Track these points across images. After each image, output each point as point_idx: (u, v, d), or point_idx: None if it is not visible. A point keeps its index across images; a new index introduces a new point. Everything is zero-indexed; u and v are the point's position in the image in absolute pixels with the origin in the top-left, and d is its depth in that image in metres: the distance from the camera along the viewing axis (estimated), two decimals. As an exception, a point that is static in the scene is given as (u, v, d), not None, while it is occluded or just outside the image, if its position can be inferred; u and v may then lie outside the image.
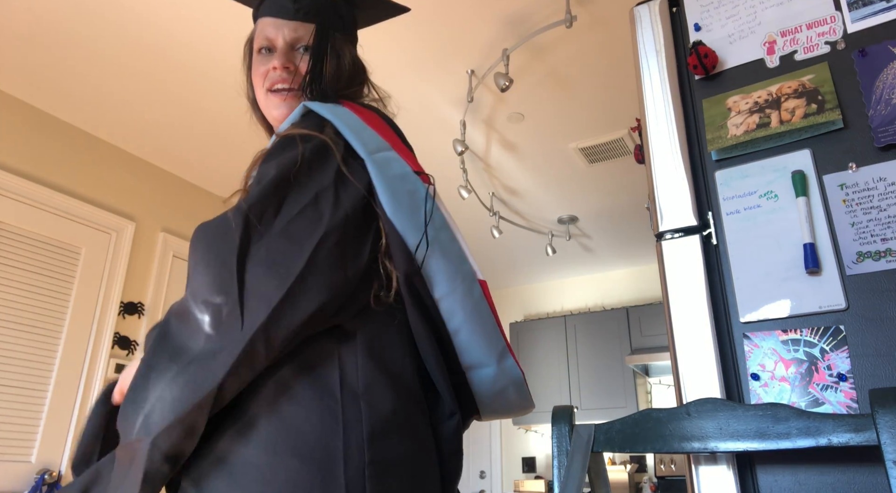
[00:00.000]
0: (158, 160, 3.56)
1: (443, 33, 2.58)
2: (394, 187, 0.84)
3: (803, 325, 1.06)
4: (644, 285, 5.13)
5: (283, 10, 0.97)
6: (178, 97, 2.98)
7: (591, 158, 3.52)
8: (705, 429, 0.96)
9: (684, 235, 1.21)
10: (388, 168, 0.85)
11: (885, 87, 1.10)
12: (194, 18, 2.48)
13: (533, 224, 4.37)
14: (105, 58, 2.71)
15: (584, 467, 1.03)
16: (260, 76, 0.98)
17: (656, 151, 1.29)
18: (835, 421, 0.88)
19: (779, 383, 1.05)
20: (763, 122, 1.19)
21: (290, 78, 0.95)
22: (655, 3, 1.41)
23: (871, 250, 1.03)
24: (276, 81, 0.96)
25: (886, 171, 1.06)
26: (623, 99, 2.99)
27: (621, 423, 1.04)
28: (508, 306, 5.68)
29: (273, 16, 0.97)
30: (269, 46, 0.98)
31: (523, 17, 2.50)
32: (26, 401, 2.77)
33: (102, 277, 3.18)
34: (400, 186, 0.84)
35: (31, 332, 2.84)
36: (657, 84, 1.34)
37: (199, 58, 2.71)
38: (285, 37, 0.97)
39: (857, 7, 1.18)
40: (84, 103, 3.03)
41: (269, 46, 0.98)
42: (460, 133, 3.14)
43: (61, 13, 2.45)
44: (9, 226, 2.84)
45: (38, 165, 3.00)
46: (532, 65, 2.76)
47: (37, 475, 2.73)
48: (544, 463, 5.02)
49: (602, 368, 4.68)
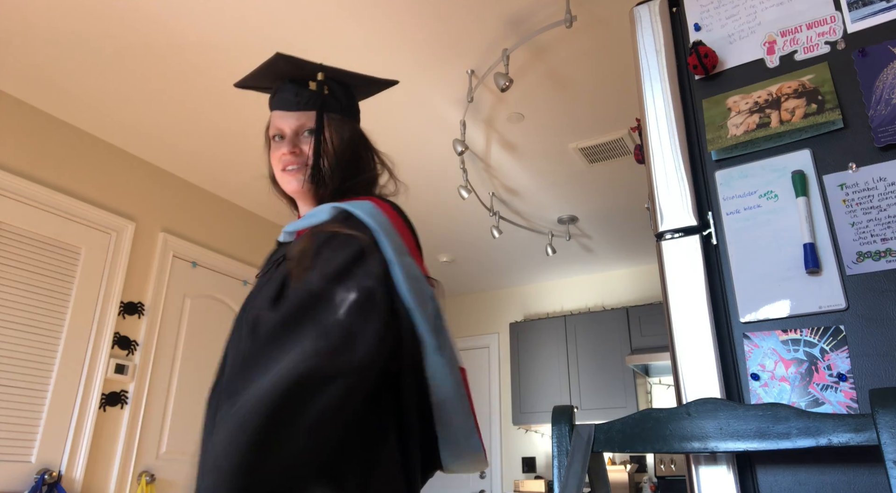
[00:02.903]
0: (158, 160, 3.56)
1: (443, 33, 2.58)
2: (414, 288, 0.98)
3: (803, 325, 1.06)
4: (644, 285, 5.13)
5: (287, 103, 1.15)
6: (179, 97, 2.98)
7: (591, 158, 3.52)
8: (705, 429, 0.96)
9: (684, 235, 1.21)
10: (410, 271, 0.99)
11: (885, 87, 1.10)
12: (195, 18, 2.48)
13: (533, 224, 4.37)
14: (105, 58, 2.71)
15: (584, 467, 1.03)
16: (276, 160, 1.16)
17: (656, 151, 1.29)
18: (835, 421, 0.88)
19: (779, 383, 1.05)
20: (763, 122, 1.19)
21: (297, 159, 1.13)
22: (655, 3, 1.41)
23: (871, 249, 1.03)
24: (287, 163, 1.14)
25: (886, 171, 1.06)
26: (623, 99, 2.99)
27: (621, 423, 1.04)
28: (508, 306, 5.68)
29: (281, 109, 1.16)
30: (280, 134, 1.16)
31: (523, 17, 2.50)
32: (26, 401, 2.77)
33: (102, 277, 3.18)
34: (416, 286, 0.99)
35: (31, 332, 2.84)
36: (657, 84, 1.34)
37: (200, 58, 2.71)
38: (291, 126, 1.15)
39: (857, 7, 1.18)
40: (84, 103, 3.03)
41: (280, 134, 1.16)
42: (460, 133, 3.14)
43: (61, 13, 2.45)
44: (9, 226, 2.84)
45: (38, 165, 3.00)
46: (532, 65, 2.76)
47: (37, 475, 2.73)
48: (544, 463, 5.02)
49: (602, 368, 4.68)
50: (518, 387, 4.99)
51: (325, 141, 1.13)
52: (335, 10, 2.45)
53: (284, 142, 1.15)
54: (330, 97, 1.17)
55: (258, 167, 3.63)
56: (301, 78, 1.17)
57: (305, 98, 1.15)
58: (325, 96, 1.16)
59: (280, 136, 1.16)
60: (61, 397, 2.90)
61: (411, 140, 3.35)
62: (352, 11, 2.46)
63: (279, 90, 1.17)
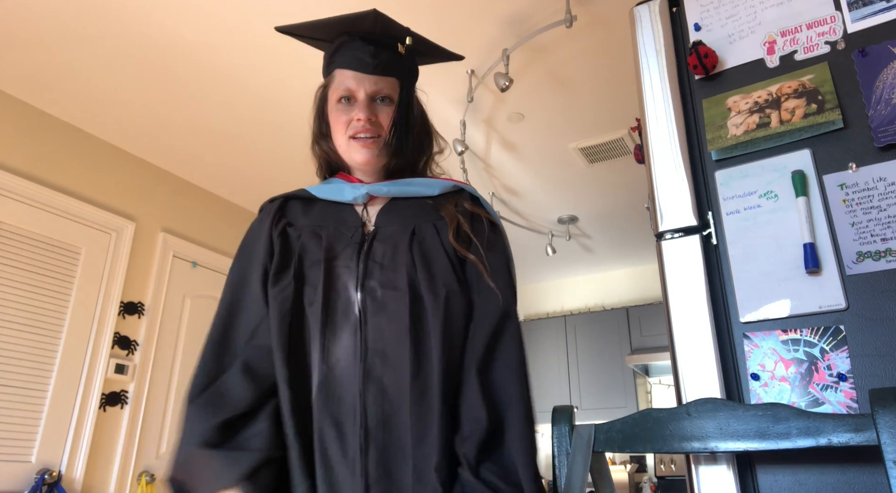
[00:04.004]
0: (158, 160, 3.56)
1: (443, 33, 2.58)
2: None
3: (803, 325, 1.06)
4: (644, 285, 5.13)
5: (362, 64, 1.06)
6: (179, 97, 2.98)
7: (591, 158, 3.52)
8: (705, 429, 0.96)
9: (684, 235, 1.21)
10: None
11: (885, 87, 1.10)
12: (196, 18, 2.48)
13: (533, 224, 4.37)
14: (105, 58, 2.71)
15: (586, 467, 1.03)
16: (342, 124, 1.07)
17: (656, 151, 1.29)
18: (835, 421, 0.88)
19: (779, 383, 1.05)
20: (763, 122, 1.19)
21: (373, 128, 1.05)
22: (655, 3, 1.41)
23: (871, 249, 1.03)
24: (360, 130, 1.05)
25: (886, 171, 1.06)
26: (623, 99, 2.99)
27: (621, 423, 1.04)
28: (508, 306, 5.68)
29: (353, 69, 1.06)
30: (349, 96, 1.06)
31: (523, 17, 2.50)
32: (26, 401, 2.77)
33: (102, 277, 3.18)
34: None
35: (31, 332, 2.84)
36: (657, 84, 1.34)
37: (200, 58, 2.70)
38: (367, 89, 1.05)
39: (857, 7, 1.18)
40: (84, 103, 3.03)
41: (349, 96, 1.06)
42: (460, 133, 3.14)
43: (61, 13, 2.45)
44: (9, 226, 2.84)
45: (38, 165, 3.00)
46: (532, 65, 2.76)
47: (37, 475, 2.73)
48: (544, 463, 5.02)
49: (602, 368, 4.67)
50: (518, 387, 4.99)
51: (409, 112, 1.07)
52: (335, 10, 2.45)
53: (357, 106, 1.05)
54: (407, 63, 1.09)
55: (259, 167, 3.63)
56: (379, 39, 1.09)
57: (385, 62, 1.07)
58: (403, 61, 1.08)
59: (349, 98, 1.06)
60: (61, 397, 2.90)
61: (411, 140, 3.35)
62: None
63: (350, 48, 1.08)
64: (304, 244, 1.02)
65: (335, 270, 0.99)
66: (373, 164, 1.07)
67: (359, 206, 1.08)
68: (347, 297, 0.97)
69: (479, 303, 0.98)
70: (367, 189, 1.07)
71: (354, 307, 0.96)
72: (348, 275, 0.98)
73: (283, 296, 0.97)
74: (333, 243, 1.02)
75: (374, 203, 1.09)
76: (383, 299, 0.96)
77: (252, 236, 1.08)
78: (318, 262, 1.00)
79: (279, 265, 1.00)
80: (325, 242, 1.02)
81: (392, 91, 1.08)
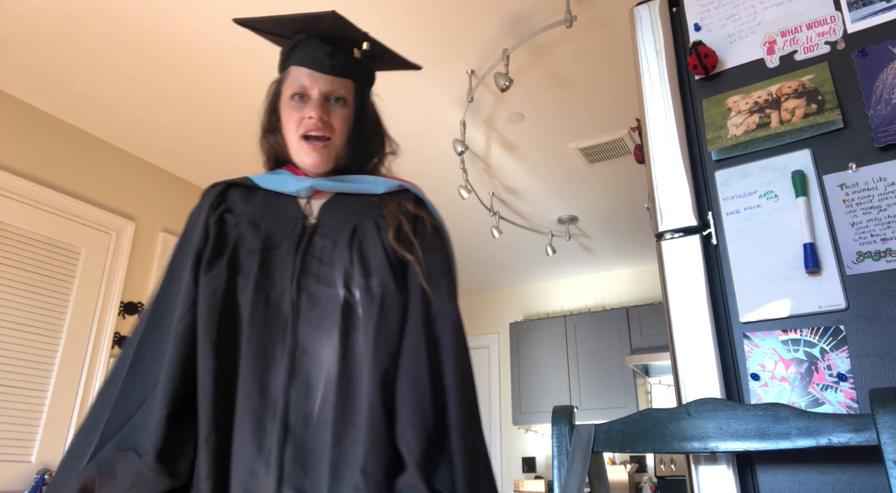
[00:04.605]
0: (158, 160, 3.56)
1: (443, 33, 2.58)
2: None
3: (803, 325, 1.06)
4: (644, 285, 5.13)
5: (319, 63, 1.06)
6: (179, 97, 2.98)
7: (591, 158, 3.52)
8: (705, 429, 0.96)
9: (684, 235, 1.21)
10: None
11: (885, 87, 1.10)
12: (196, 19, 2.48)
13: (533, 224, 4.37)
14: (105, 58, 2.71)
15: (584, 467, 1.03)
16: (294, 122, 1.06)
17: (656, 151, 1.29)
18: (835, 421, 0.88)
19: (779, 383, 1.05)
20: (763, 122, 1.19)
21: (324, 127, 1.04)
22: (655, 3, 1.41)
23: (871, 249, 1.03)
24: (311, 129, 1.04)
25: (886, 171, 1.06)
26: (623, 99, 2.99)
27: (621, 423, 1.04)
28: (508, 306, 5.68)
29: (309, 67, 1.06)
30: (302, 94, 1.05)
31: (523, 17, 2.50)
32: (26, 401, 2.77)
33: (102, 277, 3.18)
34: None
35: (31, 332, 2.84)
36: (657, 84, 1.34)
37: (200, 58, 2.71)
38: (321, 88, 1.05)
39: (857, 7, 1.18)
40: (84, 103, 3.03)
41: (302, 94, 1.05)
42: (460, 133, 3.13)
43: (61, 13, 2.45)
44: (9, 226, 2.84)
45: (38, 165, 3.00)
46: (532, 65, 2.76)
47: (37, 475, 2.73)
48: (544, 463, 5.01)
49: (602, 368, 4.68)
50: (518, 387, 4.99)
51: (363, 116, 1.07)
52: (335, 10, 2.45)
53: (310, 104, 1.05)
54: (370, 70, 1.10)
55: (259, 167, 3.62)
56: (337, 40, 1.09)
57: (342, 63, 1.07)
58: (359, 64, 1.08)
59: (302, 95, 1.06)
60: (61, 397, 2.90)
61: (411, 140, 3.35)
62: (352, 12, 2.46)
63: (307, 46, 1.08)
64: (241, 233, 1.00)
65: (271, 260, 0.97)
66: (321, 168, 1.07)
67: (302, 199, 1.07)
68: (281, 289, 0.95)
69: (414, 305, 0.97)
70: (311, 183, 1.06)
71: (287, 301, 0.94)
72: (284, 267, 0.96)
73: (214, 284, 0.94)
74: (272, 234, 1.00)
75: (317, 197, 1.07)
76: (317, 295, 0.94)
77: (190, 223, 1.06)
78: (254, 251, 0.97)
79: (213, 253, 0.97)
80: (263, 232, 1.00)
81: (346, 92, 1.07)
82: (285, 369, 0.90)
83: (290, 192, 1.06)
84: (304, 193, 1.06)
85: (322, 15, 1.07)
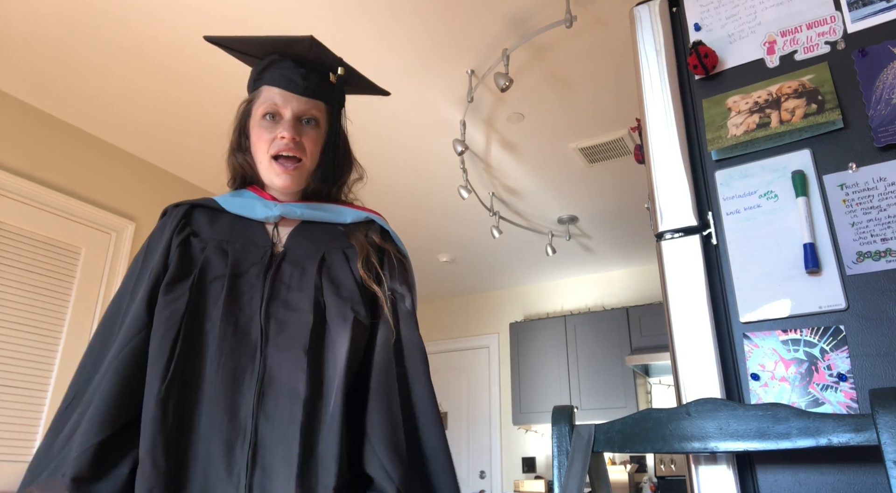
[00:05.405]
0: (158, 160, 3.56)
1: (443, 33, 2.58)
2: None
3: (803, 325, 1.06)
4: (644, 285, 5.13)
5: (292, 84, 1.06)
6: (178, 97, 2.98)
7: (591, 158, 3.52)
8: (705, 429, 0.96)
9: (684, 235, 1.21)
10: None
11: (885, 87, 1.10)
12: (197, 18, 2.48)
13: (533, 224, 4.37)
14: (105, 58, 2.71)
15: (584, 467, 1.03)
16: (265, 141, 1.06)
17: (656, 151, 1.29)
18: (835, 421, 0.88)
19: (779, 383, 1.04)
20: (763, 122, 1.19)
21: (296, 148, 1.05)
22: (655, 3, 1.41)
23: (871, 249, 1.03)
24: (283, 149, 1.04)
25: (886, 171, 1.06)
26: (623, 99, 2.99)
27: (621, 423, 1.04)
28: (508, 306, 5.68)
29: (282, 87, 1.06)
30: (274, 113, 1.06)
31: (523, 17, 2.50)
32: (26, 401, 2.77)
33: (102, 277, 3.18)
34: None
35: (31, 332, 2.84)
36: (657, 84, 1.34)
37: (200, 58, 2.71)
38: (294, 109, 1.06)
39: (857, 7, 1.18)
40: (84, 103, 3.03)
41: (274, 113, 1.06)
42: (460, 133, 3.14)
43: (61, 13, 2.45)
44: (9, 226, 2.84)
45: (38, 165, 3.00)
46: (532, 65, 2.76)
47: (37, 475, 2.73)
48: (544, 463, 5.01)
49: (602, 368, 4.68)
50: (518, 387, 4.99)
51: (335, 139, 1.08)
52: (335, 10, 2.45)
53: (282, 124, 1.05)
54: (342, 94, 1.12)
55: (258, 167, 3.62)
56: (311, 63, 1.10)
57: (315, 85, 1.08)
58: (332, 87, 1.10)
59: (274, 115, 1.06)
60: (61, 397, 2.90)
61: (411, 140, 3.35)
62: (352, 11, 2.46)
63: (280, 67, 1.08)
64: (207, 258, 0.98)
65: (239, 287, 0.96)
66: (291, 189, 1.07)
67: (269, 225, 1.07)
68: (250, 315, 0.94)
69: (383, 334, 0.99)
70: (280, 211, 1.06)
71: (256, 327, 0.93)
72: (252, 293, 0.96)
73: (174, 307, 0.92)
74: (240, 260, 0.99)
75: (285, 224, 1.08)
76: (286, 320, 0.94)
77: (152, 244, 1.04)
78: (221, 277, 0.96)
79: (175, 275, 0.95)
80: (231, 259, 0.99)
81: (319, 114, 1.08)
82: (254, 394, 0.89)
83: (259, 218, 1.06)
84: (272, 219, 1.06)
85: (299, 39, 1.08)
